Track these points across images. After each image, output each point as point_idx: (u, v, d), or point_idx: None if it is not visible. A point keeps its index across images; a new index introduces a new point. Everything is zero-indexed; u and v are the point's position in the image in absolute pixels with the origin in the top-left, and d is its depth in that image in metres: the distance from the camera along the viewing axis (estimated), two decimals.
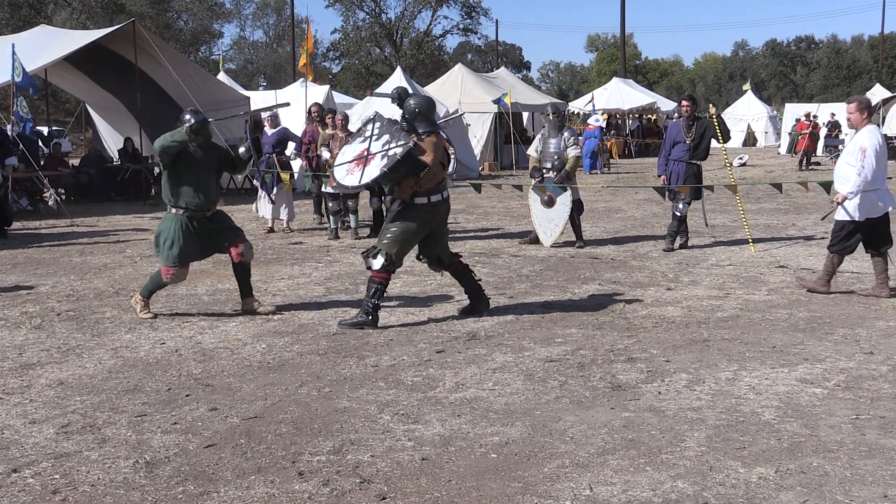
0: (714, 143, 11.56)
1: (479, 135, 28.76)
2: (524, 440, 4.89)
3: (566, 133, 11.99)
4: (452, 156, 12.24)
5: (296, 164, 15.85)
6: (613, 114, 39.20)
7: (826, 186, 9.93)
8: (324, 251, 11.94)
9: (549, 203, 11.80)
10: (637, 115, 40.70)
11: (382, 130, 7.48)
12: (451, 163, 20.29)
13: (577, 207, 12.02)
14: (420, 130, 7.44)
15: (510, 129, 28.43)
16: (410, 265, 10.36)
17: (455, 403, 5.53)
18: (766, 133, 45.29)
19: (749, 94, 47.19)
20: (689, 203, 11.53)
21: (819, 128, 31.75)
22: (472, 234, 13.27)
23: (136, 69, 19.40)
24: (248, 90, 28.73)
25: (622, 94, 40.10)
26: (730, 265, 10.38)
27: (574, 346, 6.83)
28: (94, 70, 21.51)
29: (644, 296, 8.70)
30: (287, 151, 14.25)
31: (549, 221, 11.95)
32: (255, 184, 14.88)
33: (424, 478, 4.41)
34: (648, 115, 41.45)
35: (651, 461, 4.56)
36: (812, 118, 31.61)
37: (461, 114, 19.40)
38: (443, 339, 7.10)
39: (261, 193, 14.04)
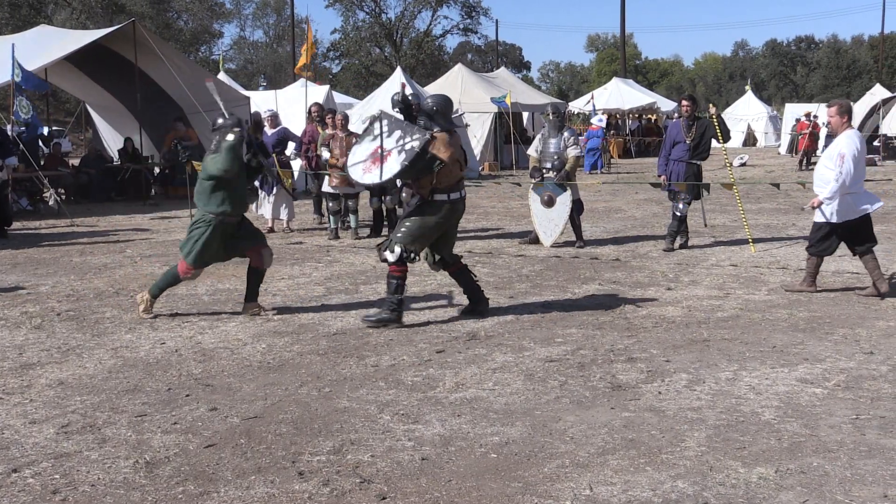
0: (714, 143, 11.56)
1: (479, 135, 28.76)
2: (524, 440, 4.89)
3: (566, 133, 11.99)
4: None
5: (296, 164, 15.85)
6: (613, 114, 39.19)
7: None
8: (324, 251, 11.94)
9: (549, 203, 11.80)
10: (637, 116, 40.69)
11: (392, 127, 7.48)
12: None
13: (577, 207, 12.02)
14: (436, 129, 7.50)
15: (510, 129, 28.43)
16: (410, 266, 10.36)
17: (455, 403, 5.53)
18: (767, 133, 45.30)
19: (749, 94, 47.20)
20: (690, 203, 11.53)
21: (819, 128, 31.69)
22: (472, 234, 13.27)
23: (136, 69, 19.39)
24: (249, 90, 28.72)
25: (622, 94, 40.08)
26: (730, 265, 10.38)
27: (574, 346, 6.83)
28: (94, 70, 21.50)
29: (644, 296, 8.70)
30: (287, 151, 14.26)
31: (549, 221, 11.95)
32: (255, 184, 14.86)
33: (424, 478, 4.41)
34: (648, 116, 41.43)
35: (651, 461, 4.57)
36: (812, 118, 31.60)
37: (461, 114, 19.43)
38: (443, 339, 7.10)
39: (261, 193, 14.03)
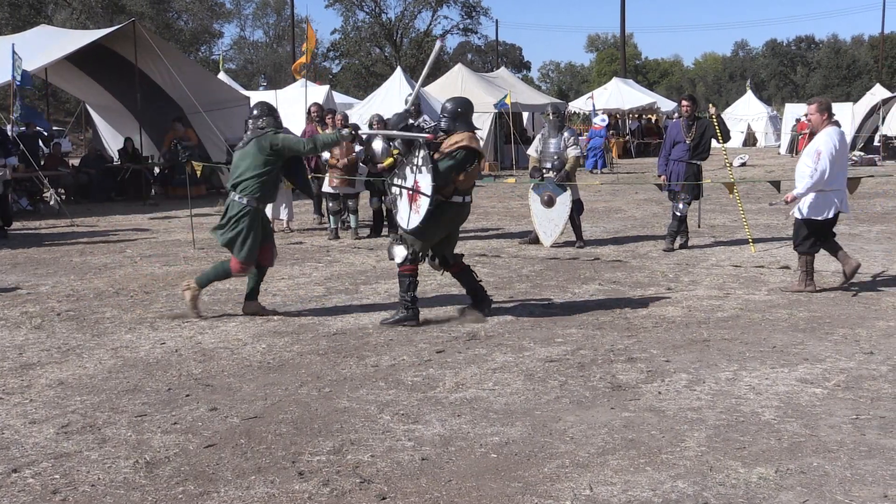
0: (714, 144, 11.57)
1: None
2: (524, 440, 4.89)
3: (566, 133, 11.99)
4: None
5: None
6: (613, 114, 39.19)
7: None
8: (324, 251, 11.94)
9: (549, 203, 11.80)
10: (637, 116, 40.69)
11: (425, 162, 7.47)
12: None
13: (577, 207, 12.02)
14: (461, 129, 7.66)
15: (510, 130, 28.42)
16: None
17: (455, 403, 5.53)
18: (767, 133, 45.29)
19: (749, 94, 47.19)
20: (690, 203, 11.53)
21: None
22: (472, 234, 13.26)
23: (136, 69, 19.40)
24: (248, 90, 28.73)
25: (622, 94, 40.07)
26: (730, 265, 10.38)
27: (574, 346, 6.83)
28: (95, 70, 21.51)
29: (644, 296, 8.70)
30: None
31: (549, 221, 11.95)
32: None
33: (424, 478, 4.41)
34: (648, 116, 41.43)
35: (651, 461, 4.57)
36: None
37: None
38: (443, 339, 7.10)
39: None
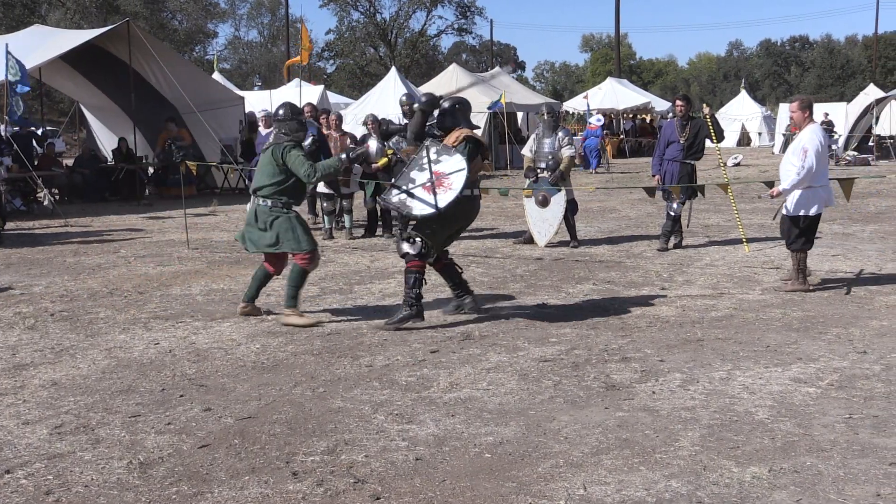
0: (708, 143, 11.58)
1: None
2: (518, 440, 4.89)
3: (561, 133, 11.99)
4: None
5: None
6: (607, 113, 39.22)
7: None
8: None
9: (544, 203, 11.80)
10: (631, 116, 40.72)
11: (441, 152, 7.48)
12: None
13: (572, 207, 12.03)
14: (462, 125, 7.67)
15: (505, 130, 28.42)
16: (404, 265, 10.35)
17: (449, 403, 5.53)
18: (761, 133, 45.36)
19: (743, 94, 47.26)
20: (684, 203, 11.55)
21: None
22: (467, 234, 13.25)
23: (131, 69, 19.38)
24: (243, 90, 28.71)
25: (617, 94, 40.12)
26: (724, 265, 10.39)
27: (568, 346, 6.83)
28: (89, 70, 21.48)
29: (638, 295, 8.71)
30: None
31: (544, 221, 11.96)
32: (250, 184, 14.86)
33: (418, 478, 4.41)
34: (643, 116, 41.47)
35: (645, 461, 4.57)
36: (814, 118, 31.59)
37: None
38: (437, 339, 7.10)
39: None
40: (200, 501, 4.18)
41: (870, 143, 33.08)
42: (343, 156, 7.87)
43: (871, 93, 35.81)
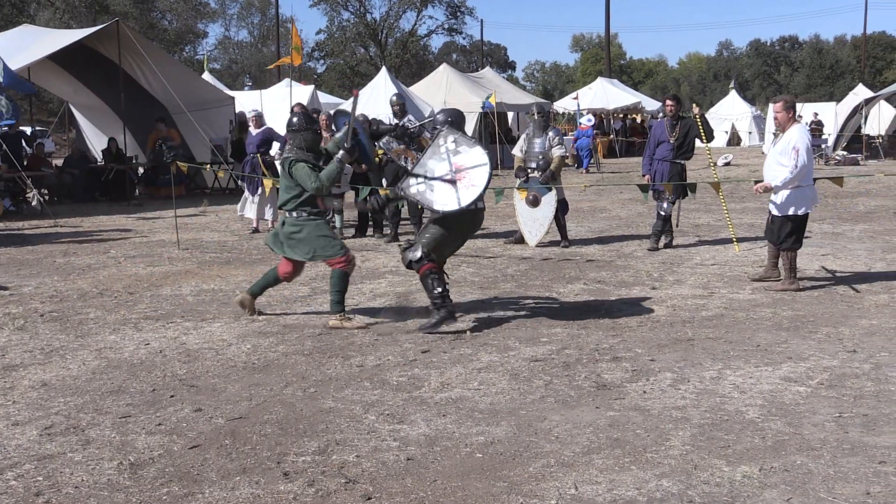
0: (698, 143, 11.61)
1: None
2: (509, 440, 4.90)
3: (551, 133, 11.99)
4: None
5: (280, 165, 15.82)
6: (598, 113, 39.27)
7: None
8: None
9: (534, 203, 11.81)
10: (621, 116, 40.77)
11: (460, 142, 7.40)
12: None
13: (562, 207, 12.04)
14: None
15: (495, 129, 28.42)
16: (396, 265, 10.37)
17: (440, 403, 5.53)
18: (751, 133, 45.48)
19: (733, 94, 47.38)
20: (674, 202, 11.57)
21: None
22: None
23: (120, 69, 19.32)
24: (233, 90, 28.65)
25: (607, 94, 40.16)
26: (714, 264, 10.41)
27: (559, 346, 6.84)
28: (78, 70, 21.42)
29: (629, 295, 8.72)
30: (272, 151, 14.24)
31: (534, 221, 11.96)
32: (241, 184, 14.85)
33: (410, 478, 4.41)
34: (633, 116, 41.52)
35: (636, 460, 4.58)
36: (797, 118, 31.71)
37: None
38: (428, 339, 7.10)
39: (245, 194, 14.01)
40: (191, 502, 4.17)
41: (859, 143, 33.18)
42: (340, 153, 7.62)
43: (861, 93, 35.92)
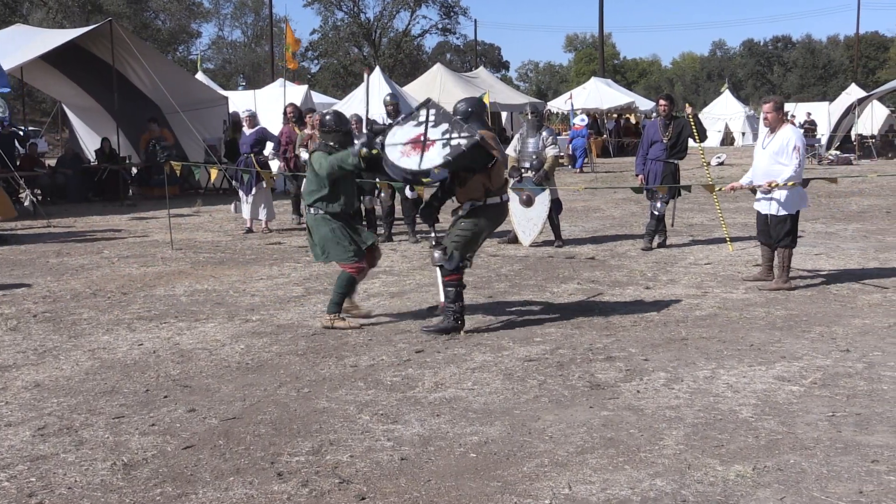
0: (691, 143, 11.62)
1: None
2: (503, 439, 4.90)
3: (545, 133, 11.99)
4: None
5: (274, 165, 15.81)
6: (591, 113, 39.30)
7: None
8: (302, 251, 11.90)
9: (528, 202, 11.80)
10: (615, 116, 40.79)
11: (440, 119, 7.31)
12: None
13: (556, 207, 12.05)
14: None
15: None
16: (389, 265, 10.37)
17: (434, 403, 5.53)
18: (744, 133, 45.53)
19: (726, 94, 47.43)
20: (667, 202, 11.58)
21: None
22: None
23: (114, 69, 19.28)
24: (227, 90, 28.62)
25: (601, 94, 40.18)
26: (708, 264, 10.42)
27: (553, 346, 6.84)
28: (71, 70, 21.36)
29: (622, 295, 8.73)
30: (265, 151, 14.23)
31: (528, 221, 11.96)
32: (234, 184, 14.84)
33: (404, 478, 4.41)
34: (627, 115, 41.54)
35: (630, 460, 4.58)
36: (790, 117, 31.80)
37: None
38: (422, 339, 7.10)
39: (240, 194, 14.00)
40: (185, 502, 4.17)
41: (852, 143, 33.26)
42: (357, 146, 7.35)
43: (853, 92, 36.05)
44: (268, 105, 21.18)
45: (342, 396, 5.68)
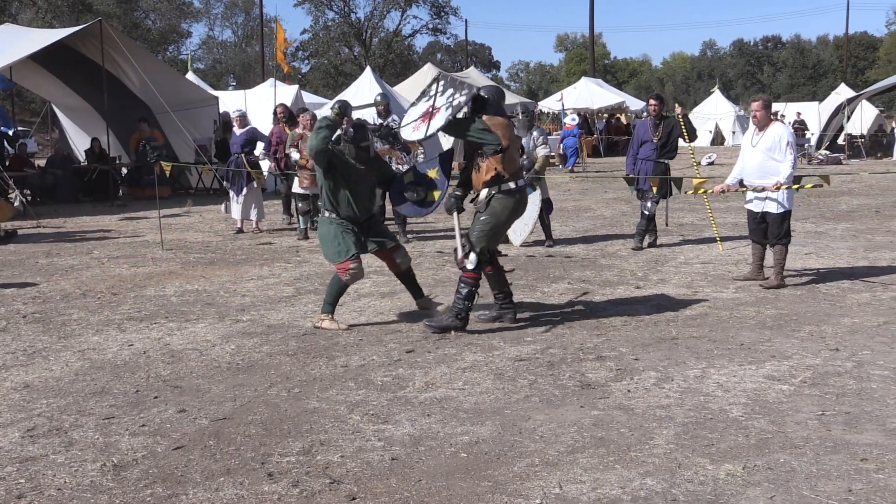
0: (681, 143, 11.64)
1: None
2: (494, 439, 4.90)
3: (535, 132, 11.99)
4: (421, 155, 12.23)
5: (264, 165, 15.79)
6: (582, 113, 39.33)
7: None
8: (293, 251, 11.90)
9: None
10: (605, 116, 40.83)
11: (447, 86, 7.35)
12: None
13: (547, 206, 12.05)
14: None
15: None
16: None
17: (425, 403, 5.53)
18: (734, 132, 45.61)
19: (717, 94, 47.53)
20: (658, 202, 11.59)
21: None
22: (442, 234, 13.26)
23: (104, 69, 19.22)
24: (217, 90, 28.56)
25: (591, 94, 40.22)
26: (698, 263, 10.45)
27: (543, 345, 6.85)
28: (61, 70, 21.29)
29: (613, 294, 8.75)
30: (256, 151, 14.21)
31: (519, 221, 11.90)
32: (225, 184, 14.81)
33: (394, 478, 4.41)
34: (617, 115, 41.59)
35: (620, 459, 4.59)
36: (780, 117, 31.89)
37: None
38: (413, 339, 7.10)
39: (231, 194, 13.98)
40: (175, 503, 4.16)
41: (841, 142, 33.37)
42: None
43: (843, 92, 36.15)
44: (258, 105, 21.13)
45: (333, 396, 5.68)
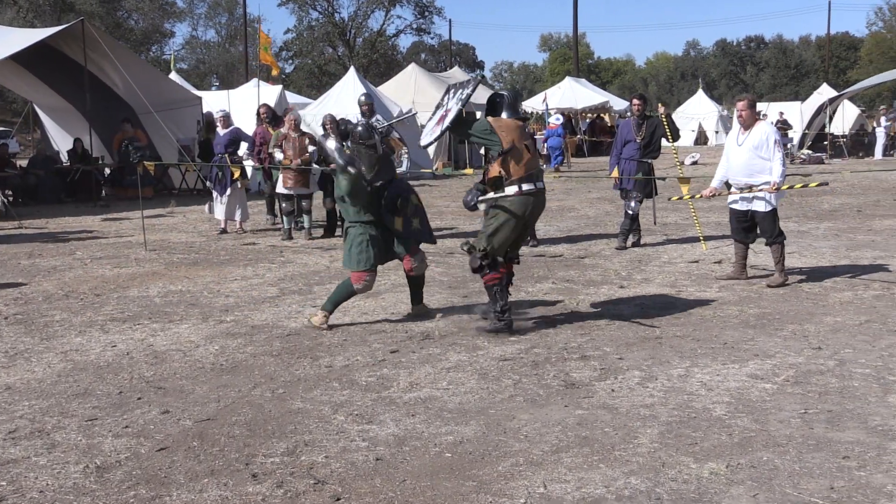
0: (665, 143, 11.68)
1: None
2: (478, 439, 4.90)
3: None
4: (405, 155, 12.23)
5: (248, 165, 15.74)
6: (566, 113, 39.39)
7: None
8: (277, 252, 11.88)
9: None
10: (589, 116, 40.90)
11: (456, 89, 7.48)
12: (405, 161, 20.15)
13: None
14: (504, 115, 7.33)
15: None
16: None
17: (409, 403, 5.53)
18: (717, 132, 45.78)
19: (700, 93, 47.72)
20: (641, 201, 11.63)
21: None
22: (448, 234, 13.24)
23: (86, 69, 19.13)
24: (200, 90, 28.47)
25: (575, 94, 40.30)
26: (682, 263, 10.48)
27: (528, 345, 6.86)
28: (43, 70, 21.17)
29: (597, 294, 8.76)
30: (240, 152, 14.17)
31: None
32: (208, 185, 14.77)
33: (379, 478, 4.40)
34: (601, 115, 41.67)
35: (604, 458, 4.60)
36: (762, 116, 31.97)
37: (414, 113, 19.36)
38: (397, 339, 7.10)
39: (214, 194, 13.94)
40: None
41: (824, 142, 33.54)
42: (340, 179, 7.51)
43: (825, 92, 36.33)
44: (242, 105, 21.09)
45: (317, 397, 5.67)
